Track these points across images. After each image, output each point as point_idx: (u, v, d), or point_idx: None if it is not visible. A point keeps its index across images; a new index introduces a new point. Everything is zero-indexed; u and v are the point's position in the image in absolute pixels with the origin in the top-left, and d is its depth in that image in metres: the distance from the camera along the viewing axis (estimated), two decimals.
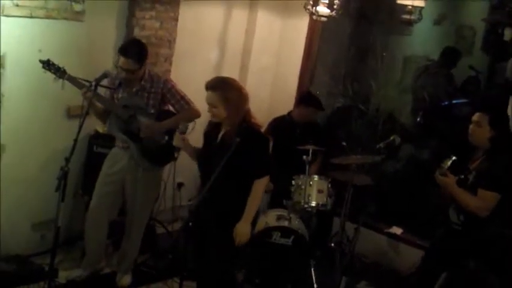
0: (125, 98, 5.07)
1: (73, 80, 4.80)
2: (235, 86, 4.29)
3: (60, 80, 4.79)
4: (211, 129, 4.45)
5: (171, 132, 5.11)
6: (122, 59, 4.90)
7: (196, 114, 5.13)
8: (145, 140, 5.08)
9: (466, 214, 4.53)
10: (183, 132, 4.44)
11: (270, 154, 4.51)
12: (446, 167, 4.44)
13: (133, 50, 4.93)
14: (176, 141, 4.43)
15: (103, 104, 5.02)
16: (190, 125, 4.50)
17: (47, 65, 4.76)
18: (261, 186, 4.29)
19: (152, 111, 5.10)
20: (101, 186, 5.21)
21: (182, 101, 5.18)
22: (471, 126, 4.58)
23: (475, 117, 4.57)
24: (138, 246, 5.42)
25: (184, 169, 4.65)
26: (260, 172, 4.28)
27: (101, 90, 4.98)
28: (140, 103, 5.07)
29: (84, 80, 4.83)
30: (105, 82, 4.98)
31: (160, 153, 5.15)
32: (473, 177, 4.56)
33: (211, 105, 4.23)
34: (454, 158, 4.45)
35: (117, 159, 5.19)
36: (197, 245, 4.46)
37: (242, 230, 4.21)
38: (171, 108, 5.24)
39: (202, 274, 4.56)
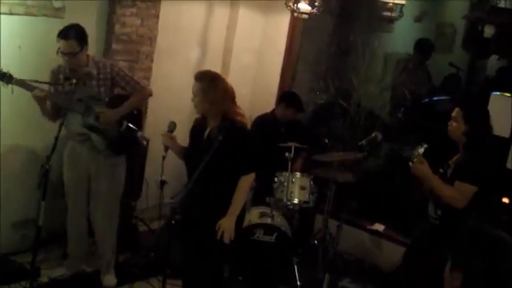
0: (77, 91, 4.92)
1: (22, 84, 4.70)
2: (220, 81, 4.33)
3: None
4: (197, 127, 4.45)
5: (129, 117, 5.10)
6: (62, 43, 4.77)
7: (149, 93, 5.21)
8: (105, 130, 5.01)
9: (443, 208, 4.56)
10: (171, 131, 4.46)
11: (256, 150, 4.50)
12: (417, 154, 4.49)
13: (73, 32, 4.81)
14: (164, 140, 4.43)
15: (58, 102, 4.91)
16: (169, 124, 4.50)
17: None
18: (247, 182, 4.31)
19: (106, 98, 5.03)
20: (70, 186, 5.19)
21: (132, 82, 5.12)
22: (450, 122, 4.63)
23: (453, 112, 4.62)
24: (113, 241, 5.34)
25: (167, 167, 4.62)
26: (246, 168, 4.28)
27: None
28: (92, 93, 4.98)
29: (33, 81, 4.74)
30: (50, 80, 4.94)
31: (122, 140, 5.11)
32: (451, 171, 4.60)
33: (193, 94, 4.28)
34: (425, 145, 4.51)
35: (77, 154, 5.12)
36: (183, 242, 4.45)
37: (226, 225, 4.21)
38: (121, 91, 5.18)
39: (189, 271, 4.54)
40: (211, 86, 4.23)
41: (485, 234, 2.25)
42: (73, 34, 4.79)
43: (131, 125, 5.12)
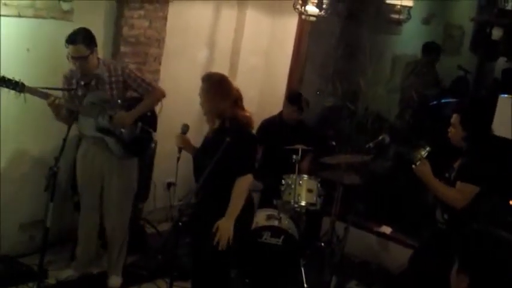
0: (90, 95, 4.95)
1: (34, 92, 4.68)
2: (223, 82, 4.36)
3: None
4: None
5: (144, 119, 5.11)
6: (71, 48, 4.78)
7: (161, 94, 5.19)
8: (118, 132, 5.02)
9: (450, 213, 4.56)
10: (185, 132, 4.49)
11: (255, 153, 4.50)
12: (419, 156, 4.49)
13: (80, 36, 4.82)
14: (178, 142, 4.47)
15: (72, 107, 4.90)
16: (182, 126, 4.52)
17: (3, 82, 4.57)
18: (242, 184, 4.25)
19: (119, 101, 5.04)
20: (84, 186, 5.20)
21: (144, 84, 5.12)
22: (449, 128, 4.65)
23: (452, 119, 4.63)
24: (124, 244, 5.35)
25: (174, 169, 4.64)
26: (241, 170, 4.26)
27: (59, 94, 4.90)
28: (104, 96, 4.99)
29: (45, 88, 4.74)
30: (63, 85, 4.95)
31: (136, 142, 5.12)
32: (454, 174, 4.61)
33: (199, 95, 4.35)
34: (428, 148, 4.51)
35: (91, 155, 5.13)
36: (192, 243, 4.45)
37: (222, 227, 4.17)
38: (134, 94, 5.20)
39: (197, 272, 4.55)
40: (213, 87, 4.29)
41: (491, 235, 2.25)
42: (81, 38, 4.80)
43: (146, 127, 5.14)
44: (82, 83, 4.92)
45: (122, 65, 5.22)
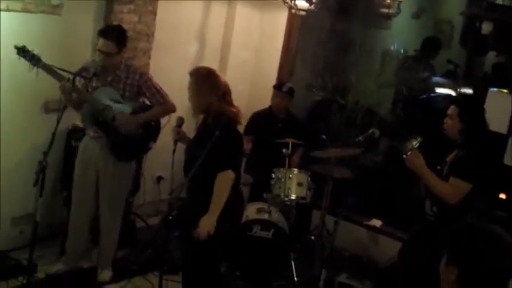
0: (101, 89, 4.99)
1: (48, 69, 4.72)
2: (210, 76, 4.33)
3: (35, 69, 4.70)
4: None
5: (145, 127, 5.11)
6: (101, 41, 4.88)
7: (171, 109, 5.16)
8: (117, 133, 5.02)
9: (439, 205, 4.58)
10: (180, 125, 4.51)
11: (237, 149, 4.44)
12: (410, 146, 4.50)
13: (114, 32, 4.92)
14: (174, 134, 4.50)
15: (80, 96, 4.95)
16: (177, 119, 4.54)
17: (22, 51, 4.67)
18: (223, 180, 4.21)
19: (128, 103, 5.06)
20: (78, 181, 5.20)
21: (158, 95, 5.14)
22: (445, 119, 4.64)
23: (449, 110, 4.63)
24: (115, 240, 5.38)
25: (164, 162, 4.65)
26: (222, 165, 4.22)
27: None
28: (116, 95, 5.02)
29: (60, 69, 4.78)
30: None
31: (128, 148, 5.13)
32: (447, 168, 4.61)
33: (187, 89, 4.34)
34: (419, 139, 4.52)
35: (89, 149, 5.15)
36: (181, 237, 4.46)
37: (204, 223, 4.15)
38: (146, 101, 5.21)
39: (187, 265, 4.55)
40: (200, 81, 4.27)
41: (481, 229, 2.27)
42: (113, 35, 4.88)
43: (146, 136, 5.17)
44: (97, 75, 4.94)
45: (141, 71, 5.26)
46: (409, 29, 8.45)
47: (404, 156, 4.53)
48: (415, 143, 4.51)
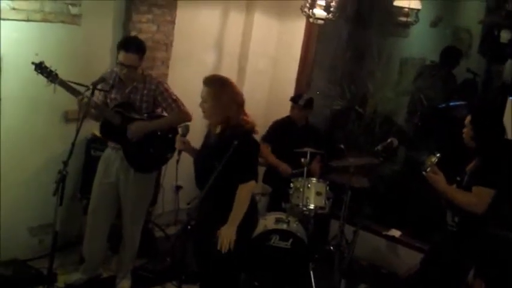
0: (119, 101, 5.01)
1: (65, 85, 4.71)
2: (229, 85, 4.28)
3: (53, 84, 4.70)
4: (209, 131, 4.45)
5: (163, 139, 5.10)
6: (123, 54, 4.84)
7: (186, 117, 5.07)
8: (132, 144, 5.02)
9: (461, 215, 4.54)
10: (184, 135, 4.45)
11: (257, 160, 4.44)
12: (430, 163, 4.48)
13: (134, 45, 4.90)
14: (178, 144, 4.43)
15: (96, 111, 4.95)
16: (182, 128, 4.51)
17: (39, 67, 4.66)
18: (245, 191, 4.22)
19: (145, 114, 5.05)
20: (97, 189, 5.20)
21: (173, 104, 5.10)
22: (464, 129, 4.63)
23: (466, 119, 4.62)
24: (135, 249, 5.38)
25: (182, 172, 4.64)
26: (244, 176, 4.22)
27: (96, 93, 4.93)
28: (134, 106, 5.03)
29: (77, 84, 4.76)
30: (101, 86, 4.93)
31: (147, 159, 5.12)
32: (467, 178, 4.58)
33: (202, 99, 4.26)
34: (438, 155, 4.50)
35: (111, 161, 5.16)
36: (199, 247, 4.45)
37: (224, 234, 4.15)
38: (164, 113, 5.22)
39: (205, 276, 4.54)
40: (221, 91, 4.20)
41: (506, 240, 2.25)
42: (135, 48, 4.87)
43: (164, 147, 5.15)
44: (116, 86, 4.96)
45: (158, 80, 5.20)
46: (427, 37, 8.41)
47: (423, 173, 4.51)
48: (434, 159, 4.48)
